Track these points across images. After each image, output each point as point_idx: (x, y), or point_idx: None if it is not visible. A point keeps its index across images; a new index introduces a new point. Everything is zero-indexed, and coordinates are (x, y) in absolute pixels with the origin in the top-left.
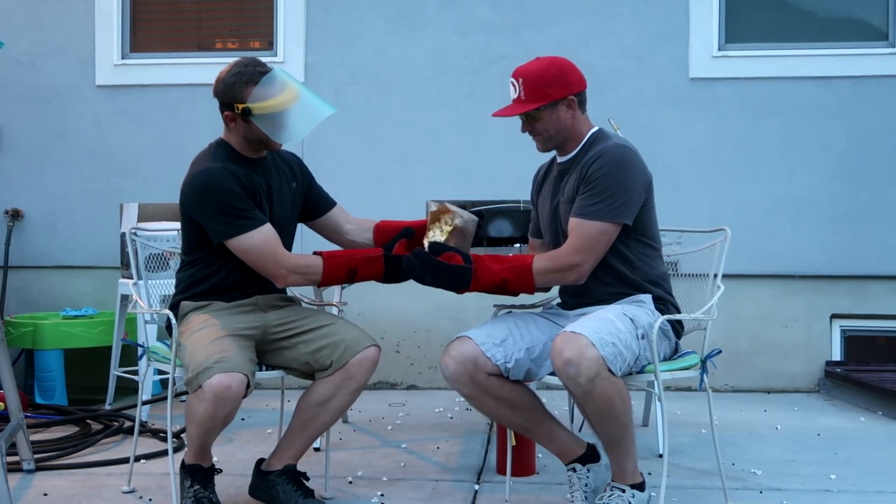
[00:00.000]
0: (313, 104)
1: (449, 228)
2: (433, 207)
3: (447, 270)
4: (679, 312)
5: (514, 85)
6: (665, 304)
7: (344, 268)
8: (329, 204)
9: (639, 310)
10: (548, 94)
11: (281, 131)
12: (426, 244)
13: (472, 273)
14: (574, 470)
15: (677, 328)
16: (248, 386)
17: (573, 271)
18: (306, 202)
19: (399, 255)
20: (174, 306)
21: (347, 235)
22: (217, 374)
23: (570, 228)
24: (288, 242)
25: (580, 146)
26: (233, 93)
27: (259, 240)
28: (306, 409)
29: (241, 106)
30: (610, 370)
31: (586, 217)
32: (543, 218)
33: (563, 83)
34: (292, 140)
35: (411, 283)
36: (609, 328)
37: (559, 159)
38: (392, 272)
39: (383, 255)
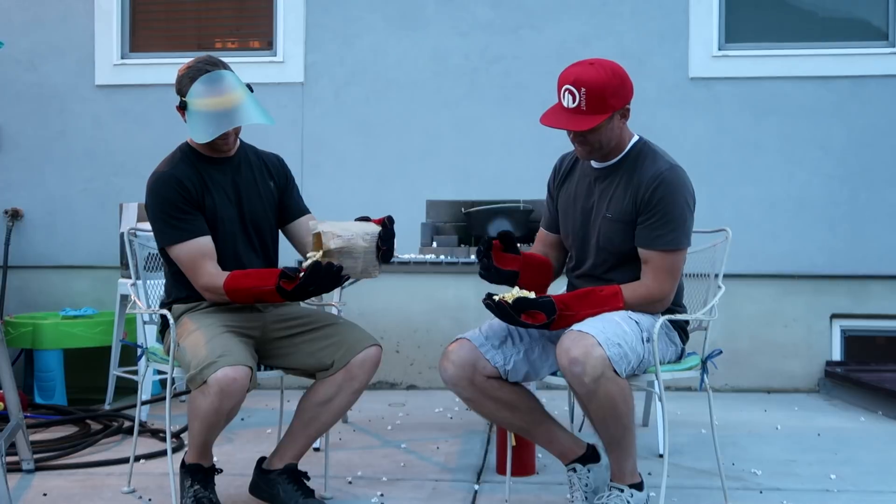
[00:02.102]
0: (247, 110)
1: (320, 256)
2: (315, 228)
3: (527, 327)
4: (686, 322)
5: (572, 94)
6: (672, 313)
7: (248, 300)
8: (297, 212)
9: (643, 315)
10: (611, 105)
11: (197, 128)
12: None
13: (551, 324)
14: (574, 470)
15: (682, 335)
16: (250, 380)
17: (662, 302)
18: (279, 204)
19: (292, 288)
20: (167, 308)
21: (308, 248)
22: (222, 367)
23: (649, 260)
24: (267, 241)
25: (623, 154)
26: (181, 86)
27: (185, 251)
28: (308, 408)
29: (183, 98)
30: (615, 371)
31: (665, 248)
32: (568, 217)
33: (623, 93)
34: (202, 139)
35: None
36: (616, 329)
37: (595, 164)
38: (293, 297)
39: (276, 289)
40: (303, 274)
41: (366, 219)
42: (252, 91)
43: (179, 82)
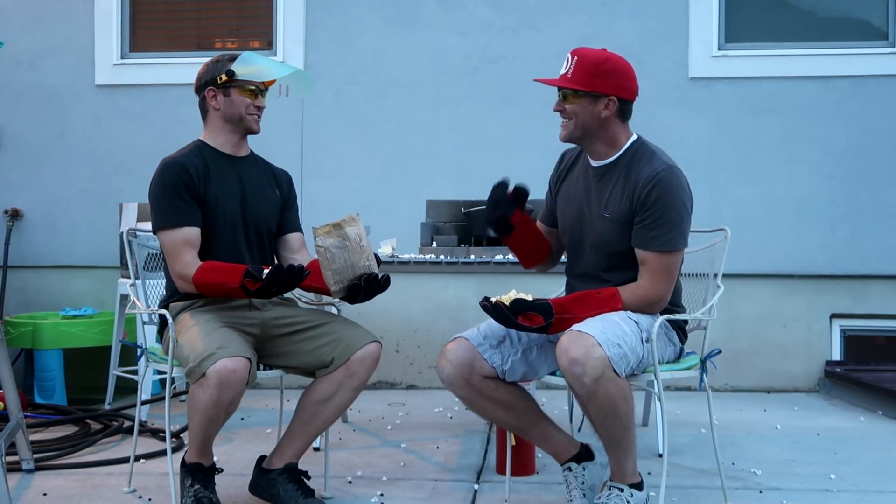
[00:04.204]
0: (287, 67)
1: (329, 227)
2: (345, 217)
3: (524, 330)
4: (685, 322)
5: (567, 61)
6: (671, 313)
7: (216, 294)
8: (290, 228)
9: (642, 315)
10: (592, 83)
11: (264, 77)
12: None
13: (549, 327)
14: (570, 469)
15: (681, 335)
16: (249, 372)
17: (659, 303)
18: (279, 215)
19: (254, 289)
20: (164, 307)
21: (289, 263)
22: (221, 358)
23: (646, 261)
24: (265, 242)
25: (619, 153)
26: (215, 70)
27: (170, 237)
28: (308, 406)
29: (223, 77)
30: (615, 371)
31: (661, 249)
32: (566, 215)
33: (613, 82)
34: (275, 75)
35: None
36: (615, 330)
37: (593, 163)
38: (257, 297)
39: (241, 287)
40: (266, 273)
41: (377, 261)
42: None
43: (211, 69)
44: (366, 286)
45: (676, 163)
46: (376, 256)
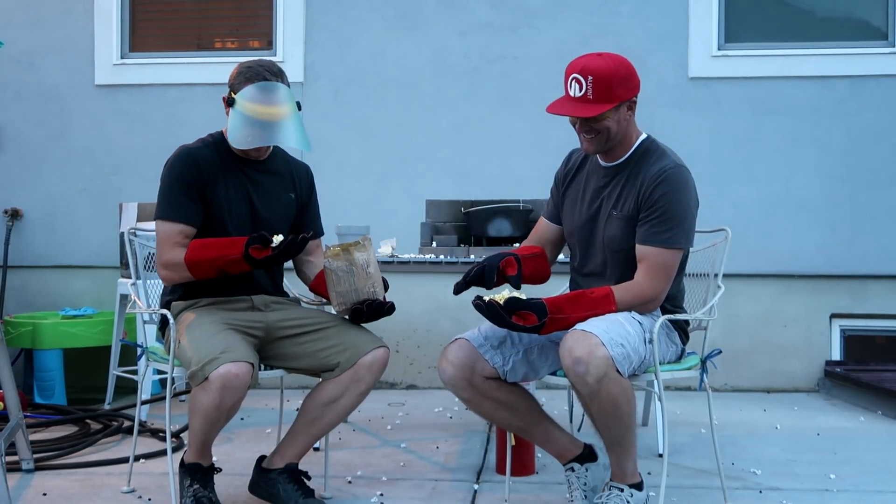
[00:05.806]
0: (288, 130)
1: (338, 250)
2: (365, 240)
3: (518, 329)
4: (686, 324)
5: (579, 82)
6: (672, 314)
7: (211, 271)
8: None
9: (645, 316)
10: (617, 95)
11: (236, 131)
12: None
13: (543, 327)
14: (572, 469)
15: (682, 336)
16: (251, 376)
17: (654, 301)
18: (295, 219)
19: (262, 257)
20: (165, 307)
21: (303, 266)
22: (224, 363)
23: (644, 257)
24: None
25: (630, 152)
26: (234, 82)
27: (166, 229)
28: (312, 408)
29: (233, 94)
30: (618, 370)
31: (662, 245)
32: (574, 214)
33: (630, 84)
34: (237, 144)
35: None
36: (619, 329)
37: (603, 163)
38: (261, 266)
39: (243, 257)
40: (279, 241)
41: (384, 285)
42: (300, 109)
43: (235, 77)
44: (368, 311)
45: (686, 163)
46: (384, 281)
